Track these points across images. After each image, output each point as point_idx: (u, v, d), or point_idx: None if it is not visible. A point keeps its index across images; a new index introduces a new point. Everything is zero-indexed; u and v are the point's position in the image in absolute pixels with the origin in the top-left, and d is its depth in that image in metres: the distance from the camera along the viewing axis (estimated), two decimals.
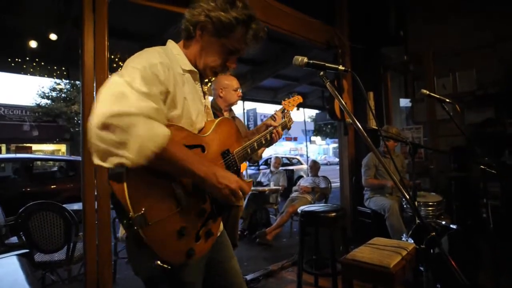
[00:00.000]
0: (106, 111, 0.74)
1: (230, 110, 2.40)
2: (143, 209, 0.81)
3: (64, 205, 2.66)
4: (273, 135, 1.42)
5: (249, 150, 1.24)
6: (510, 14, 3.76)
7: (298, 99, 2.21)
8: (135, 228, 0.80)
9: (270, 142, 1.43)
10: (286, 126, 1.59)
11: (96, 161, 0.78)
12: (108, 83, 0.81)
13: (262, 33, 1.10)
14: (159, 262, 0.86)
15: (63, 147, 18.06)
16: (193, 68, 1.08)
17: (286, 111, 1.70)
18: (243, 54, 1.13)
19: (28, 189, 5.86)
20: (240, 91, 2.39)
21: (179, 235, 0.90)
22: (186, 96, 1.00)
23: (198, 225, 0.99)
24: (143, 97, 0.81)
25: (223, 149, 1.12)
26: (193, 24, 1.04)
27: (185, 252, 0.92)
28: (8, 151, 14.86)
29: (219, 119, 1.16)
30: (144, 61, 0.89)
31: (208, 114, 1.21)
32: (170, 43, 1.11)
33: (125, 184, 0.79)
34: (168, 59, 0.97)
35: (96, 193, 2.12)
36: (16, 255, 1.29)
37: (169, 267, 0.87)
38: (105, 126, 0.73)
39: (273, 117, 1.91)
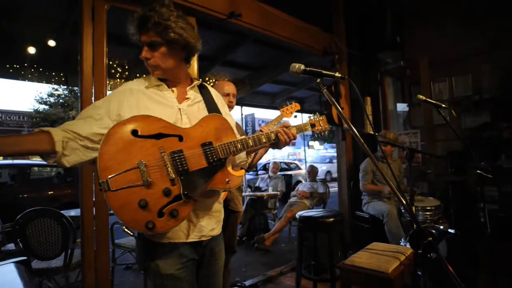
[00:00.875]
0: None
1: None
2: (109, 176, 1.02)
3: (61, 212, 2.65)
4: (280, 135, 1.36)
5: (239, 145, 1.24)
6: (504, 21, 3.82)
7: (296, 106, 2.23)
8: (103, 192, 1.00)
9: (276, 143, 1.38)
10: (302, 130, 1.50)
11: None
12: None
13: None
14: (124, 228, 1.05)
15: None
16: (158, 83, 1.27)
17: (316, 116, 1.61)
18: (146, 40, 1.22)
19: (25, 195, 5.83)
20: (233, 97, 2.31)
21: (140, 206, 1.04)
22: (147, 104, 1.20)
23: (162, 203, 1.08)
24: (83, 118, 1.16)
25: (204, 140, 1.20)
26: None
27: (144, 223, 1.04)
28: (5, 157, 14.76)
29: (207, 115, 1.25)
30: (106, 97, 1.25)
31: (187, 116, 1.26)
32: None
33: (98, 158, 1.03)
34: (128, 86, 1.25)
35: (94, 199, 2.12)
36: (14, 262, 1.28)
37: (131, 233, 1.06)
38: None
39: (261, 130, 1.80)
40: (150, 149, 1.09)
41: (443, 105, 2.02)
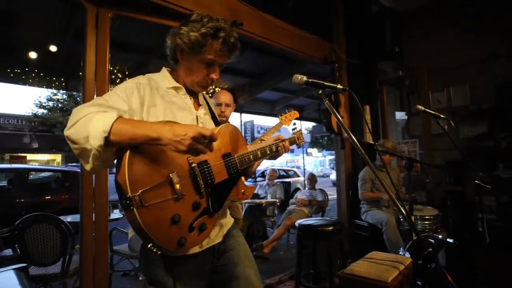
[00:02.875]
0: (70, 122, 0.93)
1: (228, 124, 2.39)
2: (140, 191, 0.90)
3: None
4: (279, 148, 1.45)
5: (251, 157, 1.29)
6: (502, 31, 3.88)
7: (295, 114, 2.25)
8: (131, 208, 0.88)
9: (275, 155, 1.48)
10: (295, 142, 1.62)
11: (85, 165, 0.95)
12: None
13: (233, 39, 1.18)
14: (150, 246, 0.93)
15: (58, 157, 17.94)
16: (177, 85, 1.21)
17: (296, 130, 1.71)
18: (223, 63, 1.22)
19: (23, 200, 5.79)
20: (225, 106, 2.29)
21: (172, 222, 0.97)
22: (167, 106, 1.14)
23: (192, 217, 1.04)
24: (106, 107, 0.98)
25: (225, 151, 1.19)
26: (172, 48, 1.19)
27: (177, 239, 0.98)
28: (2, 161, 14.72)
29: (223, 124, 1.24)
30: (122, 86, 1.08)
31: (204, 124, 1.26)
32: (162, 69, 1.27)
33: (125, 169, 0.90)
34: (148, 81, 1.14)
35: (94, 205, 2.12)
36: (13, 269, 1.27)
37: (159, 252, 0.95)
38: (68, 133, 0.93)
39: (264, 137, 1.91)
40: (178, 160, 1.03)
41: (442, 116, 2.05)
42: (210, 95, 2.07)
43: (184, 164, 1.04)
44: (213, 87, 6.14)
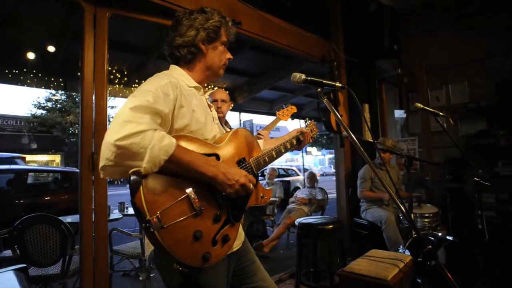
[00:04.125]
0: (123, 131, 0.86)
1: (226, 122, 2.37)
2: (158, 212, 0.88)
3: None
4: (294, 140, 1.52)
5: (266, 158, 1.29)
6: (500, 29, 3.88)
7: (292, 109, 2.24)
8: (152, 230, 0.87)
9: (297, 147, 1.56)
10: (309, 134, 1.64)
11: (107, 175, 0.91)
12: (127, 103, 0.93)
13: (232, 18, 1.28)
14: (176, 265, 0.93)
15: (57, 158, 17.92)
16: (197, 84, 1.21)
17: (309, 122, 1.74)
18: (231, 41, 1.33)
19: (22, 201, 5.79)
20: (223, 102, 2.29)
21: (195, 238, 0.95)
22: (194, 108, 1.11)
23: (214, 230, 1.03)
24: (152, 114, 0.94)
25: (239, 157, 1.18)
26: (194, 44, 1.19)
27: (201, 255, 0.97)
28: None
29: (234, 129, 1.23)
30: (156, 84, 1.02)
31: (218, 125, 1.29)
32: (173, 67, 1.24)
33: (141, 191, 0.88)
34: (175, 79, 1.10)
35: (93, 206, 2.12)
36: (13, 270, 1.27)
37: (187, 269, 0.94)
38: (121, 144, 0.85)
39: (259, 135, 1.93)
40: None
41: (441, 113, 2.05)
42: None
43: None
44: (212, 86, 6.14)
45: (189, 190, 0.97)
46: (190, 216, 0.96)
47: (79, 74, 2.20)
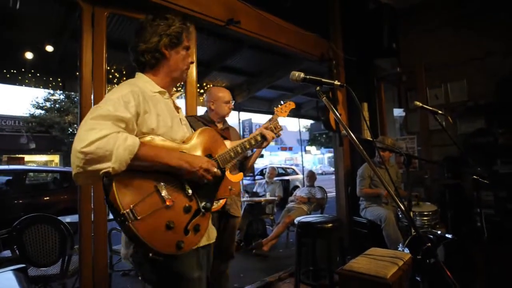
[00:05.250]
0: (87, 138, 0.93)
1: (224, 121, 2.39)
2: (131, 205, 0.97)
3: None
4: (258, 137, 1.57)
5: (232, 154, 1.37)
6: (499, 28, 3.89)
7: (290, 105, 2.23)
8: (127, 223, 0.95)
9: (259, 144, 1.59)
10: (273, 131, 1.68)
11: (78, 179, 0.98)
12: (89, 114, 1.01)
13: (189, 23, 1.35)
14: (151, 255, 1.00)
15: (56, 158, 17.88)
16: (161, 89, 1.26)
17: (273, 118, 1.77)
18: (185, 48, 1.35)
19: (21, 201, 5.78)
20: (233, 103, 2.36)
21: (167, 228, 1.03)
22: (159, 112, 1.18)
23: (185, 220, 1.10)
24: (115, 120, 1.01)
25: (205, 154, 1.27)
26: (158, 50, 1.24)
27: (174, 243, 1.05)
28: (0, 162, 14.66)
29: (200, 129, 1.32)
30: (118, 93, 1.09)
31: (186, 125, 1.36)
32: (139, 75, 1.29)
33: (114, 188, 0.96)
34: (138, 87, 1.15)
35: (92, 205, 2.12)
36: (12, 270, 1.27)
37: (161, 258, 1.02)
38: (87, 150, 0.92)
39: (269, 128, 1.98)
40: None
41: (440, 112, 2.05)
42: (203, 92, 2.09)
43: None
44: (211, 85, 6.13)
45: (159, 184, 1.06)
46: (161, 207, 1.04)
47: (77, 73, 2.20)
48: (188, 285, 1.19)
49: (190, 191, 1.14)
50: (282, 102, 2.23)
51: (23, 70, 5.07)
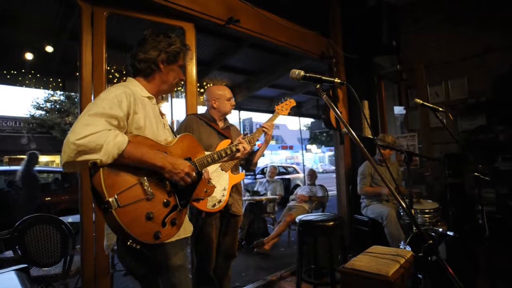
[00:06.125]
0: (82, 132, 1.03)
1: (225, 120, 2.38)
2: (116, 194, 1.05)
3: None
4: (234, 148, 1.72)
5: (209, 159, 1.49)
6: (498, 25, 3.88)
7: (291, 103, 2.23)
8: (110, 210, 1.02)
9: (232, 155, 1.73)
10: (250, 142, 1.83)
11: (68, 170, 1.08)
12: (86, 110, 1.11)
13: (188, 47, 1.49)
14: (130, 242, 1.08)
15: (57, 158, 17.90)
16: (150, 95, 1.39)
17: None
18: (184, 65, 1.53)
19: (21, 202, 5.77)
20: (233, 100, 2.35)
21: (147, 218, 1.12)
22: (146, 113, 1.30)
23: (164, 213, 1.19)
24: (107, 118, 1.12)
25: (185, 157, 1.37)
26: (155, 63, 1.37)
27: (152, 233, 1.13)
28: (1, 163, 14.68)
29: (181, 134, 1.43)
30: (112, 93, 1.20)
31: (168, 130, 1.47)
32: (130, 79, 1.41)
33: (101, 176, 1.05)
34: (130, 90, 1.27)
35: (94, 206, 2.12)
36: (14, 270, 1.27)
37: (138, 246, 1.09)
38: (81, 143, 1.02)
39: (264, 128, 2.03)
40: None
41: (440, 109, 2.04)
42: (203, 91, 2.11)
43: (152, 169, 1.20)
44: (211, 84, 6.13)
45: (143, 178, 1.16)
46: (143, 199, 1.13)
47: (77, 74, 2.19)
48: (172, 272, 1.32)
49: (169, 188, 1.24)
50: (282, 100, 2.21)
51: (23, 71, 5.08)
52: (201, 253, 2.17)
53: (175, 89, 1.55)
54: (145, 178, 1.17)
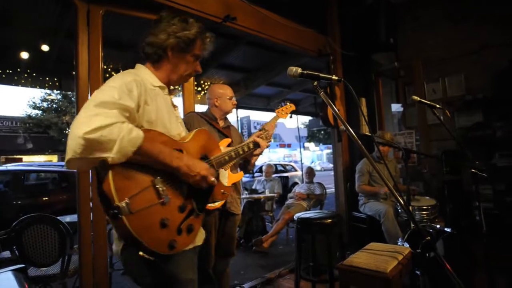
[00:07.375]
0: (91, 124, 0.87)
1: (226, 119, 2.38)
2: (127, 198, 0.91)
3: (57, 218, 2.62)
4: (251, 144, 1.55)
5: (226, 157, 1.36)
6: (495, 22, 3.88)
7: (291, 107, 2.23)
8: (120, 216, 0.89)
9: (252, 151, 1.57)
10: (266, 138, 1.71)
11: (69, 165, 0.92)
12: (92, 99, 0.96)
13: (213, 38, 1.32)
14: (141, 253, 0.96)
15: (54, 158, 17.83)
16: (162, 84, 1.24)
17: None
18: (204, 56, 1.34)
19: (20, 202, 5.76)
20: (235, 99, 2.36)
21: (162, 225, 0.98)
22: (158, 105, 1.16)
23: (179, 219, 1.06)
24: (119, 109, 0.97)
25: (201, 154, 1.25)
26: (162, 48, 1.21)
27: (167, 242, 1.00)
28: None
29: (196, 129, 1.29)
30: (121, 80, 1.05)
31: (181, 123, 1.34)
32: (139, 66, 1.26)
33: (110, 178, 0.91)
34: (140, 78, 1.12)
35: (91, 205, 2.11)
36: (12, 270, 1.26)
37: (152, 257, 0.97)
38: (90, 137, 0.87)
39: (263, 130, 2.01)
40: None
41: (438, 106, 2.05)
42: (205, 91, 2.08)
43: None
44: (209, 82, 6.11)
45: (157, 179, 1.01)
46: (157, 203, 0.99)
47: (74, 73, 2.18)
48: (182, 287, 1.15)
49: (185, 190, 1.11)
50: (282, 104, 2.23)
51: (19, 70, 5.04)
52: (200, 252, 2.17)
53: (186, 81, 1.39)
54: (159, 178, 1.03)
